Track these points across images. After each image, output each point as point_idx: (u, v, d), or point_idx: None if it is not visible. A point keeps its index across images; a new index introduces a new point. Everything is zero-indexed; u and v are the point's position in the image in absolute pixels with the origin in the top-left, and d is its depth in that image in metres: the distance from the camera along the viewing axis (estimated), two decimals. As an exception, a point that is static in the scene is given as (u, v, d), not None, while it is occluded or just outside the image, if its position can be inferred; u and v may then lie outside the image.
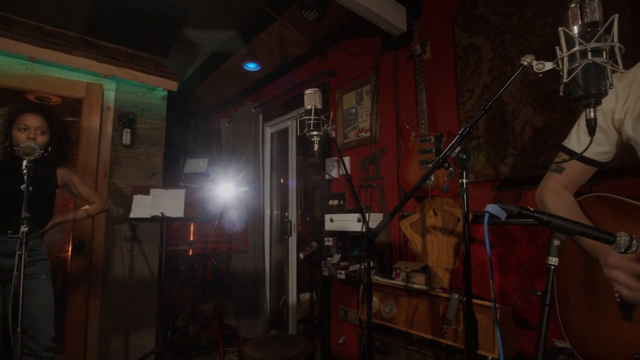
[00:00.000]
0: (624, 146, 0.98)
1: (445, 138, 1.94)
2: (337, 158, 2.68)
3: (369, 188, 2.42)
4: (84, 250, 2.54)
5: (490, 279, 0.78)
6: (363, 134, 2.50)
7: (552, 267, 0.70)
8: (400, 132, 2.26)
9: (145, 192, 2.75)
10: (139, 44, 3.15)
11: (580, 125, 1.02)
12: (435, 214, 1.97)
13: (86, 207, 2.16)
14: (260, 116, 3.63)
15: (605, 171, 1.27)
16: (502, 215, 0.73)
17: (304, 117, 1.43)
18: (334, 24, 2.68)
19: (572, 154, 1.01)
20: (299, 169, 5.32)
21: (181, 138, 4.21)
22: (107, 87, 2.81)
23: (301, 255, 2.27)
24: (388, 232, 2.27)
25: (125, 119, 2.83)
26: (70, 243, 2.53)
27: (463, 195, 0.96)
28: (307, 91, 1.46)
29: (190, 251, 4.05)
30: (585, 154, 0.98)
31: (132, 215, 2.60)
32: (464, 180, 0.96)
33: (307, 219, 5.39)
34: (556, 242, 0.70)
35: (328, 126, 1.47)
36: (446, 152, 0.96)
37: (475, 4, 1.88)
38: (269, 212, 3.69)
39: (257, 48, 3.11)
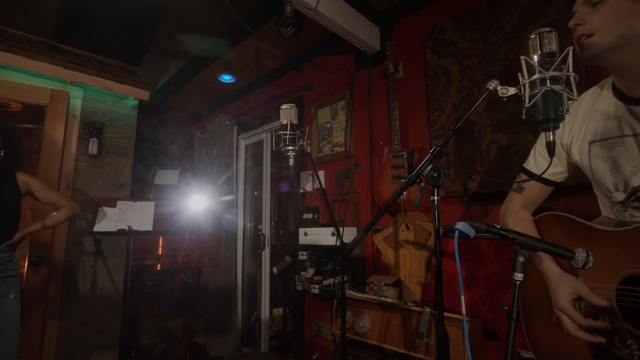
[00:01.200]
0: (575, 167, 1.07)
1: (417, 154, 2.00)
2: (311, 172, 2.69)
3: (343, 202, 2.44)
4: (42, 266, 2.39)
5: (461, 295, 0.80)
6: (338, 148, 2.54)
7: (518, 282, 0.73)
8: (373, 148, 2.31)
9: (112, 204, 2.64)
10: (110, 52, 3.07)
11: (537, 148, 1.12)
12: (408, 228, 2.02)
13: (54, 213, 2.04)
14: (235, 128, 3.60)
15: (564, 188, 1.36)
16: (472, 232, 0.76)
17: (280, 132, 1.44)
18: (310, 40, 2.73)
19: (531, 175, 1.10)
20: (274, 182, 5.30)
21: (152, 148, 4.09)
22: (74, 95, 2.70)
23: (275, 270, 2.25)
24: (362, 245, 2.29)
25: (92, 128, 2.72)
26: (27, 259, 2.37)
27: (434, 212, 0.99)
28: (284, 106, 1.48)
29: (159, 266, 3.90)
30: (539, 173, 1.08)
31: (97, 228, 2.49)
32: (435, 198, 0.99)
33: (281, 232, 5.34)
34: (521, 259, 0.74)
35: (303, 141, 1.49)
36: (418, 170, 1.00)
37: (444, 28, 1.98)
38: (242, 225, 3.63)
39: (233, 60, 3.10)
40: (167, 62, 3.54)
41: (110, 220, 2.58)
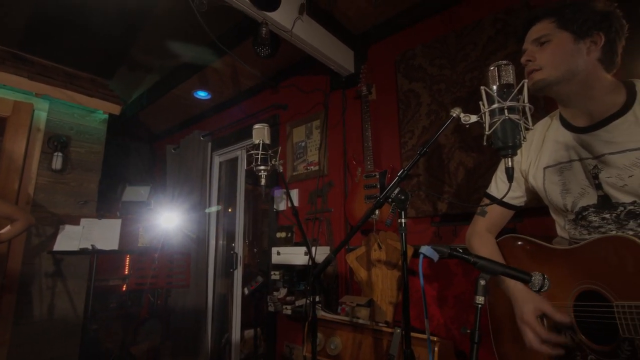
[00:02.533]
0: (533, 192, 1.14)
1: (389, 175, 2.04)
2: (284, 190, 2.68)
3: (316, 221, 2.44)
4: (-7, 289, 2.22)
5: (425, 319, 0.81)
6: (312, 167, 2.55)
7: (479, 305, 0.75)
8: (347, 167, 2.34)
9: (75, 222, 2.51)
10: (82, 64, 2.99)
11: (498, 174, 1.21)
12: (380, 247, 2.03)
13: (8, 227, 1.91)
14: (209, 144, 3.55)
15: (527, 210, 1.42)
16: (435, 256, 0.77)
17: (252, 152, 1.43)
18: (286, 60, 2.77)
19: (493, 199, 1.16)
20: (249, 199, 5.22)
21: (121, 164, 3.96)
22: (39, 107, 2.60)
23: (246, 291, 2.19)
24: (335, 265, 2.29)
25: (57, 141, 2.62)
26: (-24, 280, 2.20)
27: (402, 234, 1.01)
28: (256, 126, 1.48)
29: (124, 286, 3.71)
30: (501, 199, 1.15)
31: (57, 247, 2.35)
32: (403, 220, 1.01)
33: (255, 250, 5.25)
34: (482, 282, 0.76)
35: (276, 160, 1.49)
36: (386, 192, 1.01)
37: (414, 54, 2.07)
38: (214, 243, 3.54)
39: (209, 77, 3.09)
40: (141, 76, 3.48)
41: (73, 238, 2.45)
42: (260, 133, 1.46)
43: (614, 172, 0.91)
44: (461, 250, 0.80)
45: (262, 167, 1.42)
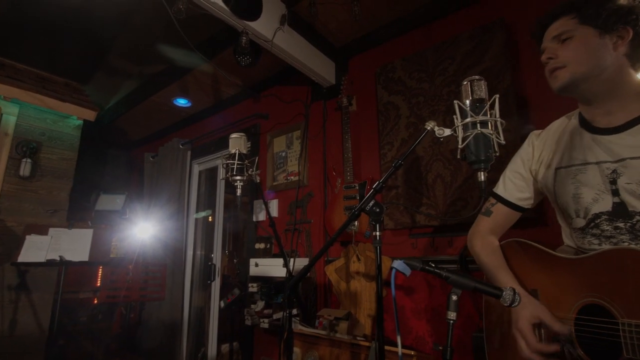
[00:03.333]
0: (541, 194, 1.10)
1: (369, 186, 2.04)
2: (266, 200, 2.64)
3: (295, 232, 2.41)
4: (-51, 303, 2.08)
5: (397, 335, 0.79)
6: (292, 177, 2.53)
7: (451, 321, 0.74)
8: (327, 178, 2.33)
9: (43, 231, 2.39)
10: (56, 67, 2.90)
11: (507, 174, 1.14)
12: (359, 259, 2.02)
13: None
14: (189, 153, 3.49)
15: (527, 220, 1.43)
16: (407, 271, 0.76)
17: (228, 162, 1.40)
18: (268, 69, 2.76)
19: (499, 199, 1.12)
20: (229, 209, 5.13)
21: (96, 171, 3.83)
22: (8, 111, 2.49)
23: (222, 304, 2.13)
24: (313, 277, 2.25)
25: (26, 147, 2.51)
26: None
27: (376, 247, 0.99)
28: (233, 135, 1.45)
29: (95, 299, 3.56)
30: (508, 199, 1.11)
31: (22, 258, 2.23)
32: (377, 233, 1.00)
33: (236, 260, 5.14)
34: (454, 297, 0.75)
35: (253, 171, 1.46)
36: (361, 205, 1.00)
37: (394, 67, 2.09)
38: (191, 254, 3.45)
39: (189, 85, 3.05)
40: (119, 82, 3.40)
41: (40, 249, 2.33)
42: (237, 143, 1.43)
43: (635, 178, 0.85)
44: (433, 265, 0.79)
45: (238, 177, 1.39)
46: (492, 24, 1.75)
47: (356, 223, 2.06)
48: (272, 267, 2.24)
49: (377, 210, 1.00)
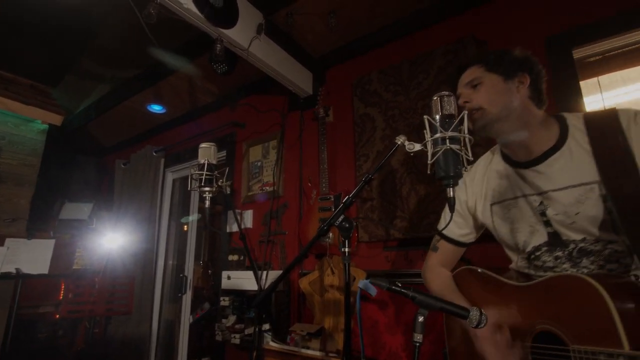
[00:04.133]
0: (483, 228, 1.14)
1: (344, 198, 2.01)
2: (239, 211, 2.58)
3: (270, 243, 2.35)
4: None
5: (362, 357, 0.76)
6: (267, 187, 2.48)
7: (417, 344, 0.71)
8: (302, 189, 2.29)
9: (-1, 242, 2.25)
10: (22, 69, 2.75)
11: (446, 211, 1.20)
12: (333, 272, 1.98)
13: None
14: (162, 160, 3.38)
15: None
16: (373, 291, 0.74)
17: (196, 172, 1.35)
18: (245, 78, 2.72)
19: (442, 236, 1.18)
20: (205, 218, 5.00)
21: (62, 178, 3.65)
22: (-36, 114, 2.34)
23: (190, 319, 2.04)
24: (287, 290, 2.20)
25: (-17, 152, 2.36)
26: None
27: (345, 264, 0.97)
28: (202, 145, 1.40)
29: (57, 314, 3.35)
30: (449, 235, 1.17)
31: (-27, 272, 2.08)
32: (346, 250, 0.97)
33: (210, 271, 4.99)
34: (420, 318, 0.73)
35: (223, 182, 1.41)
36: (330, 220, 0.97)
37: (370, 79, 2.10)
38: (162, 265, 3.32)
39: (164, 91, 2.97)
40: (90, 85, 3.28)
41: (-6, 261, 2.18)
42: (207, 152, 1.38)
43: (560, 209, 0.90)
44: (400, 285, 0.77)
45: (206, 189, 1.34)
46: (465, 40, 1.79)
47: (331, 235, 2.03)
48: (245, 280, 2.17)
49: (347, 225, 0.97)
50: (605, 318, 0.70)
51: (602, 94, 2.03)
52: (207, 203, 1.35)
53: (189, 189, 1.30)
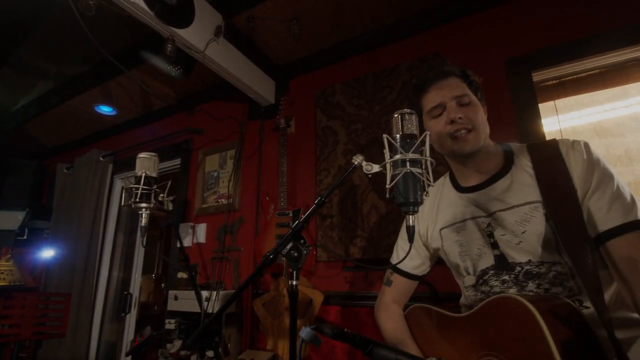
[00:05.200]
0: (436, 257, 1.09)
1: (302, 214, 1.91)
2: (192, 224, 2.40)
3: (223, 260, 2.19)
4: None
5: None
6: (223, 200, 2.32)
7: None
8: (260, 203, 2.16)
9: None
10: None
11: (399, 243, 1.16)
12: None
13: None
14: (110, 166, 3.11)
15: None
16: (318, 342, 0.63)
17: (132, 186, 1.19)
18: (203, 82, 2.57)
19: (394, 268, 1.12)
20: (161, 229, 4.69)
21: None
22: None
23: (127, 347, 1.82)
24: (239, 312, 2.04)
25: None
26: None
27: (292, 299, 0.85)
28: (141, 155, 1.24)
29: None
30: (403, 268, 1.11)
31: None
32: (294, 282, 0.86)
33: (163, 285, 4.67)
34: (372, 371, 0.63)
35: (164, 197, 1.26)
36: (276, 248, 0.86)
37: (334, 91, 2.03)
38: (105, 281, 3.02)
39: (114, 91, 2.74)
40: (30, 81, 2.97)
41: None
42: (146, 164, 1.23)
43: (507, 229, 0.89)
44: (348, 331, 0.67)
45: (143, 205, 1.18)
46: (429, 57, 1.76)
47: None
48: (194, 302, 1.99)
49: (296, 255, 0.86)
50: (540, 343, 0.68)
51: (558, 116, 2.08)
52: (144, 221, 1.19)
53: (122, 204, 1.14)
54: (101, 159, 3.08)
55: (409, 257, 1.08)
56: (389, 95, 1.84)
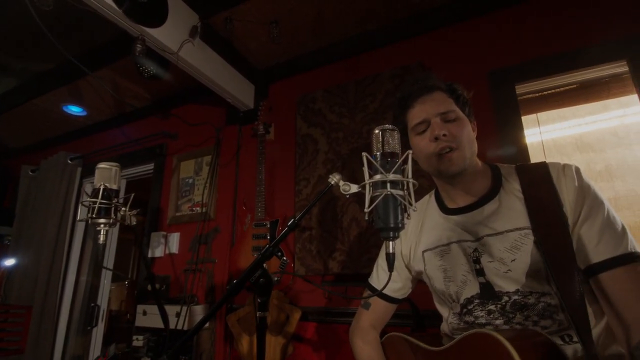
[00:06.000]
0: (418, 280, 1.04)
1: (280, 227, 1.83)
2: (164, 233, 2.28)
3: (197, 273, 2.08)
4: None
5: None
6: (197, 208, 2.21)
7: None
8: (236, 213, 2.07)
9: None
10: None
11: (379, 262, 1.09)
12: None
13: None
14: (79, 170, 2.94)
15: None
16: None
17: (88, 200, 1.08)
18: (179, 84, 2.45)
19: (373, 291, 1.06)
20: (125, 232, 4.49)
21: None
22: None
23: (89, 367, 1.69)
24: (212, 328, 1.94)
25: None
26: None
27: (260, 337, 0.77)
28: (100, 165, 1.13)
29: None
30: (383, 291, 1.02)
31: None
32: (263, 314, 0.78)
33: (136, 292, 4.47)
34: None
35: (126, 210, 1.15)
36: (244, 275, 0.78)
37: (315, 98, 1.96)
38: (71, 291, 2.85)
39: (83, 91, 2.59)
40: (-7, 78, 2.78)
41: None
42: (106, 175, 1.12)
43: (496, 256, 0.84)
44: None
45: (102, 221, 1.07)
46: (412, 66, 1.72)
47: (265, 265, 1.82)
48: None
49: (265, 281, 0.78)
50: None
51: (539, 128, 2.08)
52: (102, 238, 1.08)
53: (77, 219, 1.03)
54: (69, 161, 2.90)
55: (391, 278, 1.03)
56: (371, 104, 1.79)
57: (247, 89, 2.21)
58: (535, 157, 2.05)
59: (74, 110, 2.82)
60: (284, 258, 1.79)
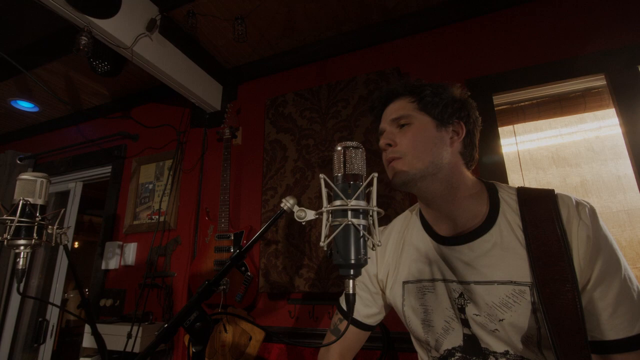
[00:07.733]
0: (391, 308, 0.91)
1: (245, 239, 1.69)
2: (120, 243, 2.09)
3: (154, 288, 1.91)
4: None
5: None
6: (157, 217, 2.04)
7: None
8: (199, 223, 1.92)
9: None
10: None
11: None
12: (226, 330, 1.63)
13: None
14: (30, 170, 2.70)
15: None
16: None
17: (5, 217, 0.92)
18: (141, 82, 2.27)
19: (343, 312, 0.91)
20: (90, 235, 4.24)
21: None
22: None
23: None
24: (169, 349, 1.78)
25: None
26: None
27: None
28: (22, 176, 0.96)
29: None
30: (354, 317, 0.89)
31: None
32: (194, 349, 0.65)
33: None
34: None
35: (54, 228, 0.99)
36: (176, 319, 0.65)
37: (285, 101, 1.84)
38: (18, 303, 2.60)
39: (34, 85, 2.36)
40: None
41: None
42: (28, 188, 0.95)
43: (483, 310, 0.70)
44: None
45: (22, 242, 0.91)
46: (388, 72, 1.63)
47: (227, 280, 1.69)
48: (114, 337, 1.71)
49: (200, 326, 0.65)
50: None
51: (516, 138, 2.04)
52: (21, 262, 0.92)
53: (7, 239, 0.87)
54: (18, 161, 2.66)
55: (363, 302, 0.90)
56: (343, 110, 1.68)
57: (214, 89, 2.07)
58: (511, 169, 2.01)
59: (24, 105, 2.58)
60: (248, 273, 1.66)
